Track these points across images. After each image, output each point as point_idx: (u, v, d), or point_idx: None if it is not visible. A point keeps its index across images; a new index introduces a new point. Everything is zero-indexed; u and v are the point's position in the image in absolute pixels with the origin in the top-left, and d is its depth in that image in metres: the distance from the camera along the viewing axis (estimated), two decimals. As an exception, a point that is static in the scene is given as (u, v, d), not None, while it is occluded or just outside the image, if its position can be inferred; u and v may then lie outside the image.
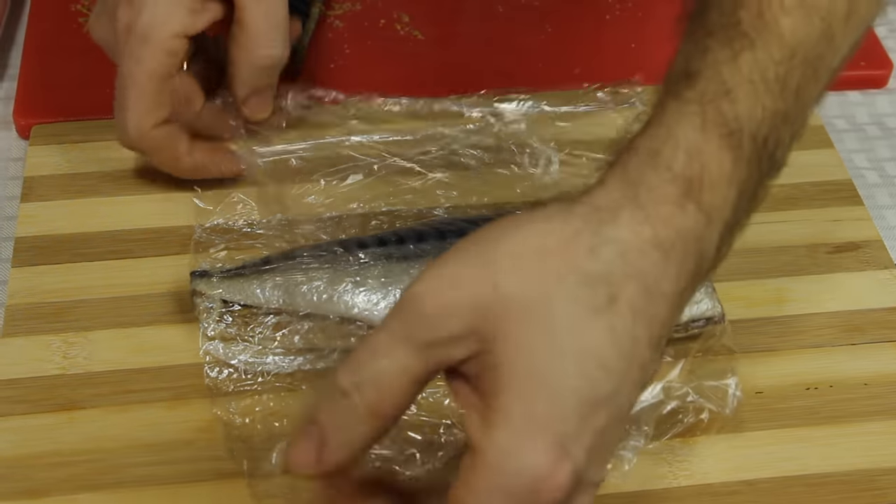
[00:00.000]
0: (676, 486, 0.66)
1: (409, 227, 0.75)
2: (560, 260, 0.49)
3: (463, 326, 0.49)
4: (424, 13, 0.93)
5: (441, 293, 0.50)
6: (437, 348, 0.49)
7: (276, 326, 0.70)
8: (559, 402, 0.48)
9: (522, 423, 0.48)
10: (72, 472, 0.65)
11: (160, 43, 0.72)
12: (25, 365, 0.70)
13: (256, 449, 0.66)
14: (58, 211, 0.78)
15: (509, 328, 0.49)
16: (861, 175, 0.85)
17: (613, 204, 0.50)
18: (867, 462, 0.67)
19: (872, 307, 0.75)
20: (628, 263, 0.49)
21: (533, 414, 0.48)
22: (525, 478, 0.48)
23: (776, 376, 0.71)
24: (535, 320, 0.49)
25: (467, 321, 0.49)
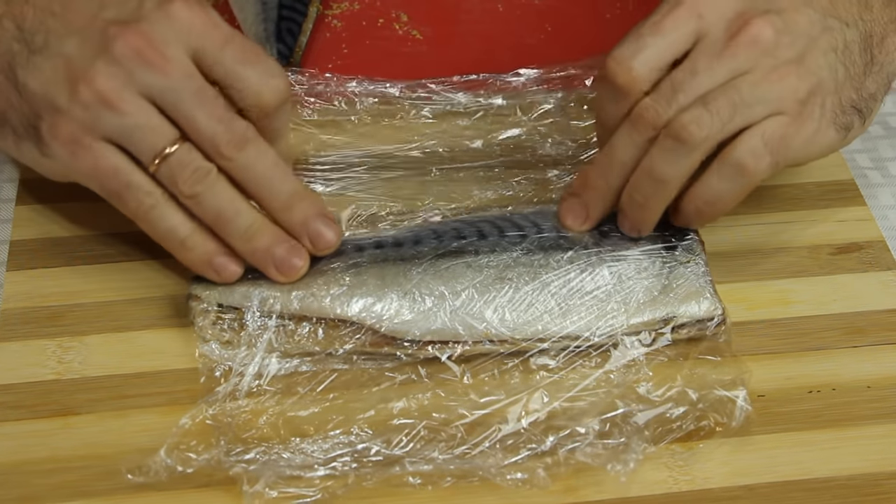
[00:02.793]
0: (677, 492, 0.65)
1: (407, 229, 0.74)
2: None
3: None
4: (423, 12, 0.93)
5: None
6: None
7: (274, 330, 0.69)
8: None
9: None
10: (67, 479, 0.65)
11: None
12: (20, 370, 0.70)
13: (252, 454, 0.65)
14: (53, 214, 0.77)
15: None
16: (864, 175, 0.84)
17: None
18: (870, 466, 0.67)
19: (875, 309, 0.74)
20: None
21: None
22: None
23: (778, 379, 0.70)
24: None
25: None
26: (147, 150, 0.66)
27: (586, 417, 0.66)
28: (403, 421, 0.67)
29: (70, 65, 0.66)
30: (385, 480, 0.64)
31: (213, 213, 0.68)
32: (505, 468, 0.64)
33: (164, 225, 0.69)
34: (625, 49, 0.68)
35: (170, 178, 0.67)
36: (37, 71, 0.67)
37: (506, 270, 0.71)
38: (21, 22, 0.68)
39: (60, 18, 0.67)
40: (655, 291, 0.71)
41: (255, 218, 0.69)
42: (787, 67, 0.68)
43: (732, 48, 0.67)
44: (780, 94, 0.68)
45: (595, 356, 0.70)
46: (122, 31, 0.65)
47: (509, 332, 0.69)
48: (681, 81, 0.68)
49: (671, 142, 0.68)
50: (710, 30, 0.68)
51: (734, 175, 0.69)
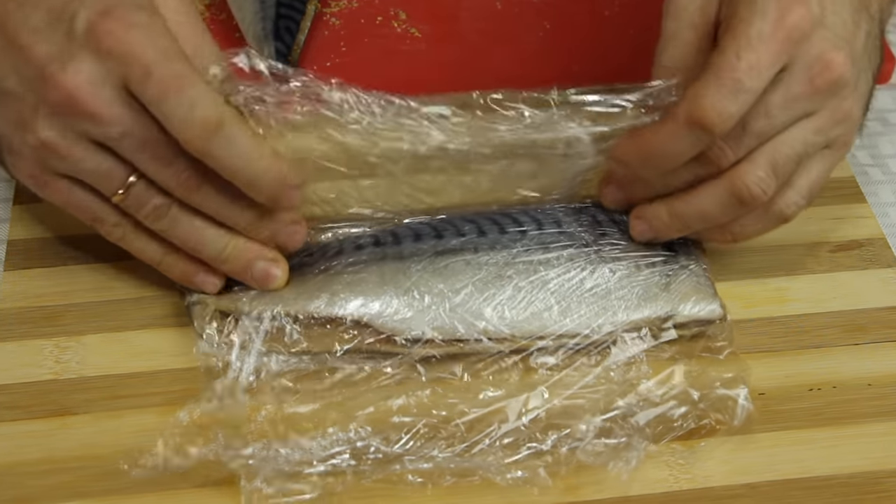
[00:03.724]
0: (678, 490, 0.65)
1: (406, 226, 0.74)
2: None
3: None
4: (422, 10, 0.93)
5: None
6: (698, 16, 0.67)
7: (273, 328, 0.69)
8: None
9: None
10: (63, 480, 0.65)
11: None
12: (17, 370, 0.69)
13: (251, 449, 0.64)
14: (50, 213, 0.77)
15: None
16: (864, 172, 0.84)
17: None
18: (871, 464, 0.67)
19: (875, 306, 0.74)
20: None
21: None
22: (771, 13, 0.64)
23: (778, 377, 0.70)
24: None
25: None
26: (104, 189, 0.65)
27: (587, 416, 0.66)
28: (403, 419, 0.66)
29: (19, 105, 0.64)
30: (384, 478, 0.64)
31: (181, 241, 0.68)
32: (505, 467, 0.64)
33: (137, 250, 0.69)
34: (726, 100, 0.64)
35: (133, 211, 0.66)
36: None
37: (505, 268, 0.70)
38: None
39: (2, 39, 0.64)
40: (656, 289, 0.70)
41: (225, 242, 0.68)
42: (850, 101, 0.67)
43: (811, 92, 0.66)
44: (841, 131, 0.68)
45: (595, 354, 0.69)
46: (53, 79, 0.62)
47: (509, 329, 0.69)
48: (752, 125, 0.66)
49: (729, 196, 0.68)
50: (793, 65, 0.65)
51: (775, 221, 0.70)
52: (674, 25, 0.69)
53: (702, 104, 0.64)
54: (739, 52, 0.64)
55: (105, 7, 0.62)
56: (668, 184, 0.70)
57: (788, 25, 0.64)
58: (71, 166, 0.64)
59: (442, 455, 0.65)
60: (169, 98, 0.61)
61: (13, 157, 0.66)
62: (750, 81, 0.64)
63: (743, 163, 0.67)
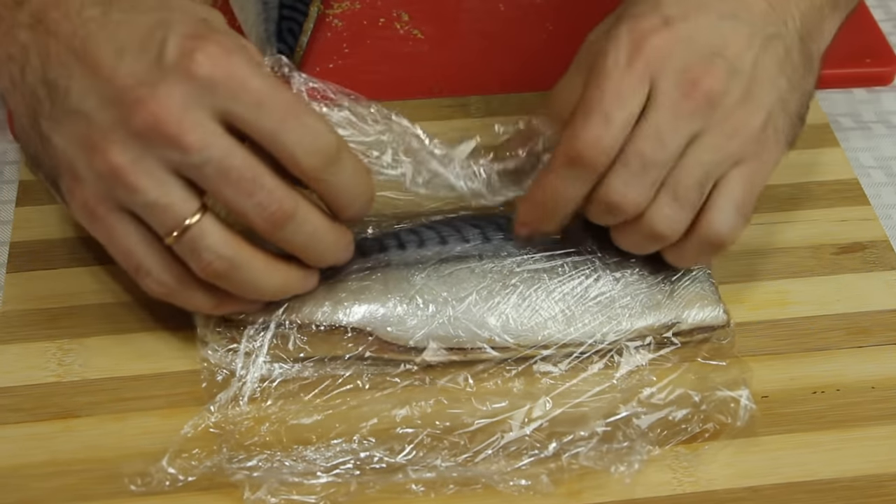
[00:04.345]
0: (681, 493, 0.65)
1: (410, 230, 0.73)
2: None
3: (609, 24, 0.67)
4: (424, 12, 0.93)
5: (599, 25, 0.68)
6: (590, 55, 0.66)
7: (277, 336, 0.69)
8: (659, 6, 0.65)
9: (628, 16, 0.65)
10: (67, 482, 0.65)
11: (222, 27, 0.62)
12: (20, 372, 0.69)
13: (255, 461, 0.65)
14: (53, 215, 0.77)
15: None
16: (867, 174, 0.84)
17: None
18: (875, 467, 0.67)
19: (879, 309, 0.74)
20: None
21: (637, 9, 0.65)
22: (627, 43, 0.64)
23: (782, 380, 0.70)
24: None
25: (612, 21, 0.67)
26: (161, 226, 0.61)
27: (590, 422, 0.66)
28: (406, 430, 0.66)
29: (88, 128, 0.60)
30: (387, 488, 0.64)
31: (232, 288, 0.65)
32: (508, 474, 0.64)
33: (184, 302, 0.66)
34: (595, 130, 0.63)
35: (185, 256, 0.62)
36: (58, 126, 0.62)
37: (509, 276, 0.70)
38: (45, 58, 0.62)
39: (81, 61, 0.61)
40: (660, 296, 0.70)
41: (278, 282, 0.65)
42: (739, 112, 0.65)
43: (689, 109, 0.64)
44: (739, 144, 0.65)
45: (599, 362, 0.69)
46: (141, 101, 0.59)
47: (513, 338, 0.69)
48: (650, 155, 0.64)
49: (643, 238, 0.67)
50: (662, 86, 0.64)
51: (713, 248, 0.68)
52: (573, 63, 0.69)
53: (574, 142, 0.64)
54: (599, 84, 0.64)
55: (196, 31, 0.60)
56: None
57: (644, 50, 0.64)
58: (131, 198, 0.61)
59: (445, 464, 0.65)
60: (290, 129, 0.60)
61: (73, 184, 0.62)
62: (615, 110, 0.63)
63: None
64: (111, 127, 0.60)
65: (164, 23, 0.60)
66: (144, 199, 0.60)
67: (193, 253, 0.62)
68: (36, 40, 0.62)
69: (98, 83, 0.60)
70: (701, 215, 0.67)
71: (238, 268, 0.63)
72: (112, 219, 0.62)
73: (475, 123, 0.84)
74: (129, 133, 0.59)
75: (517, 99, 0.86)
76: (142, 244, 0.63)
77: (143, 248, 0.63)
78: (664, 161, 0.64)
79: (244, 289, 0.64)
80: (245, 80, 0.59)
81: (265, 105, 0.60)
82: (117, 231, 0.63)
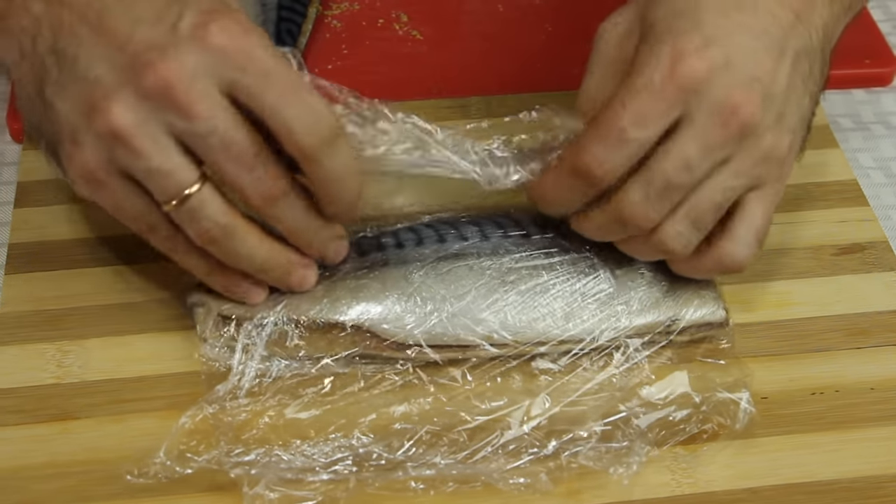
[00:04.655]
0: (680, 495, 0.65)
1: (408, 228, 0.73)
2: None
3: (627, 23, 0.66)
4: (423, 13, 0.93)
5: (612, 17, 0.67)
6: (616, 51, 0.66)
7: (275, 333, 0.69)
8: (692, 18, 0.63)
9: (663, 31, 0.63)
10: (66, 484, 0.65)
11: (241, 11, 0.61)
12: (19, 374, 0.69)
13: (253, 455, 0.65)
14: (52, 216, 0.77)
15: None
16: (866, 175, 0.84)
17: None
18: (874, 468, 0.67)
19: (878, 310, 0.74)
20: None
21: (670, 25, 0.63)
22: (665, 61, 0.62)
23: (781, 381, 0.70)
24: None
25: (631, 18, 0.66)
26: (161, 193, 0.62)
27: (589, 421, 0.66)
28: (405, 426, 0.66)
29: (92, 91, 0.60)
30: (387, 485, 0.64)
31: (224, 256, 0.66)
32: (507, 472, 0.64)
33: (184, 263, 0.67)
34: (607, 148, 0.63)
35: (185, 225, 0.63)
36: (63, 91, 0.61)
37: (508, 273, 0.70)
38: (58, 28, 0.61)
39: (94, 30, 0.61)
40: (659, 294, 0.70)
41: (268, 255, 0.66)
42: (769, 137, 0.64)
43: (722, 137, 0.63)
44: (764, 169, 0.65)
45: (597, 360, 0.69)
46: (152, 65, 0.59)
47: (511, 335, 0.69)
48: (675, 179, 0.63)
49: (652, 249, 0.67)
50: (696, 112, 0.62)
51: (726, 271, 0.69)
52: (595, 58, 0.68)
53: (583, 155, 0.63)
54: (625, 102, 0.62)
55: (213, 6, 0.61)
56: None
57: (680, 75, 0.62)
58: (132, 161, 0.61)
59: (444, 461, 0.65)
60: (292, 104, 0.61)
61: (73, 148, 0.62)
62: (635, 132, 0.62)
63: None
64: (117, 88, 0.60)
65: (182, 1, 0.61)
66: (147, 165, 0.61)
67: (192, 221, 0.63)
68: (49, 12, 0.62)
69: (110, 51, 0.60)
70: (719, 242, 0.67)
71: (232, 237, 0.64)
72: (114, 183, 0.62)
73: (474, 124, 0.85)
74: (137, 94, 0.60)
75: (516, 100, 0.86)
76: (147, 205, 0.63)
77: (149, 208, 0.63)
78: (688, 185, 0.64)
79: (237, 259, 0.66)
80: (254, 53, 0.60)
81: (271, 78, 0.60)
82: (122, 195, 0.63)
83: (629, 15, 0.67)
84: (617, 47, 0.67)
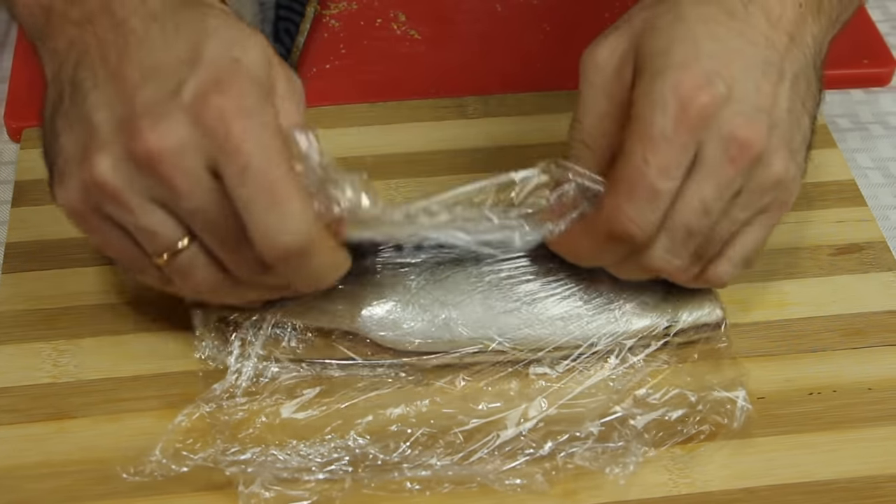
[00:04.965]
0: (677, 494, 0.65)
1: None
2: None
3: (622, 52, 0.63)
4: (421, 12, 0.93)
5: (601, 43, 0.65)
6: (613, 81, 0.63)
7: (272, 335, 0.69)
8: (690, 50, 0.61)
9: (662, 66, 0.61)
10: (61, 483, 0.65)
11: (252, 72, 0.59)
12: (15, 373, 0.69)
13: (249, 454, 0.65)
14: (49, 216, 0.76)
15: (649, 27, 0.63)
16: (864, 175, 0.84)
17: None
18: (871, 468, 0.66)
19: (875, 310, 0.74)
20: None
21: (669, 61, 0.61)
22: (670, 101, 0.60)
23: (778, 381, 0.70)
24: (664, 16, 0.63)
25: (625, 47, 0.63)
26: (150, 248, 0.61)
27: (585, 422, 0.66)
28: (401, 428, 0.66)
29: (90, 138, 0.59)
30: (383, 485, 0.64)
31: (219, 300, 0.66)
32: (503, 473, 0.64)
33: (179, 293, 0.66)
34: (643, 207, 0.61)
35: (176, 278, 0.63)
36: (68, 126, 0.61)
37: (506, 280, 0.70)
38: (81, 59, 0.61)
39: (110, 73, 0.60)
40: (656, 297, 0.70)
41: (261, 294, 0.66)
42: (776, 165, 0.63)
43: (733, 173, 0.62)
44: (771, 197, 0.64)
45: (594, 362, 0.69)
46: (141, 133, 0.57)
47: (509, 342, 0.68)
48: (695, 226, 0.63)
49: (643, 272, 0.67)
50: (707, 151, 0.61)
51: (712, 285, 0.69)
52: (589, 90, 0.65)
53: (620, 219, 0.62)
54: (646, 156, 0.60)
55: (218, 76, 0.58)
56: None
57: (691, 116, 0.60)
58: (122, 215, 0.60)
59: (440, 463, 0.65)
60: (260, 208, 0.58)
61: (64, 183, 0.61)
62: (663, 183, 0.61)
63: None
64: (110, 142, 0.59)
65: (194, 58, 0.59)
66: (134, 221, 0.60)
67: (184, 276, 0.62)
68: (80, 39, 0.61)
69: (115, 100, 0.59)
70: (709, 263, 0.67)
71: (221, 287, 0.63)
72: (103, 226, 0.62)
73: (472, 124, 0.85)
74: (126, 156, 0.58)
75: (514, 99, 0.86)
76: (137, 252, 0.62)
77: (139, 255, 0.62)
78: (707, 228, 0.64)
79: (226, 301, 0.66)
80: (241, 143, 0.57)
81: (249, 175, 0.57)
82: (109, 237, 0.62)
83: (621, 43, 0.64)
84: (613, 79, 0.64)
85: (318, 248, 0.60)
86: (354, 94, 0.87)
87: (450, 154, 0.82)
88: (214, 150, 0.58)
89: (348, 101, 0.86)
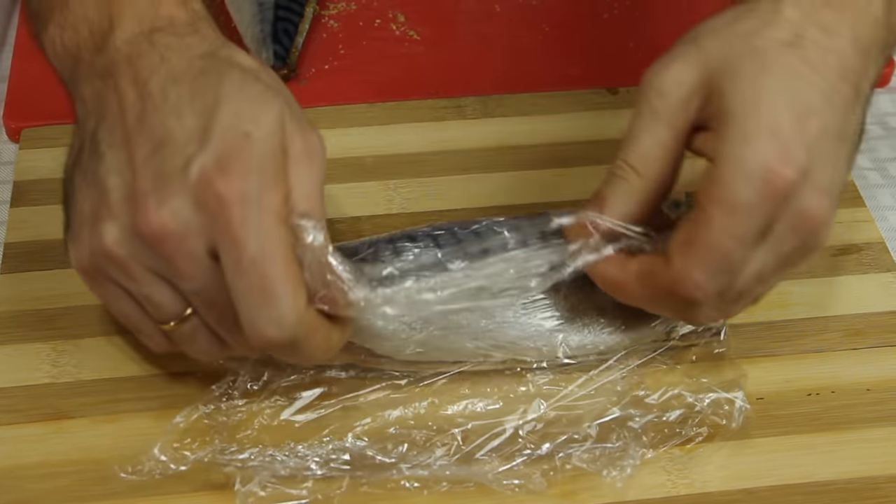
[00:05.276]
0: (676, 495, 0.65)
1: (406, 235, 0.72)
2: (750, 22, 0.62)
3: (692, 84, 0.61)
4: (420, 13, 0.93)
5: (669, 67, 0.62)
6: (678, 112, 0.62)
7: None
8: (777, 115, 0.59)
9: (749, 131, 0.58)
10: (60, 484, 0.65)
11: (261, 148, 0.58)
12: (14, 373, 0.69)
13: (247, 454, 0.65)
14: (48, 216, 0.77)
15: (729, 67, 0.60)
16: (863, 176, 0.84)
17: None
18: (870, 469, 0.67)
19: (875, 311, 0.74)
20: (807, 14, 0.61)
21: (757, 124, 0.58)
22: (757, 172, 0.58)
23: (777, 382, 0.70)
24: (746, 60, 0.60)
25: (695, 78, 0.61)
26: (155, 315, 0.61)
27: (583, 423, 0.66)
28: (400, 430, 0.66)
29: (101, 201, 0.59)
30: (380, 484, 0.64)
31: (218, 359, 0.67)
32: (501, 474, 0.64)
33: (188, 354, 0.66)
34: (715, 278, 0.60)
35: (182, 344, 0.63)
36: (84, 185, 0.61)
37: (506, 287, 0.69)
38: (102, 117, 0.60)
39: (125, 137, 0.59)
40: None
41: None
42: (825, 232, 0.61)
43: (794, 246, 0.60)
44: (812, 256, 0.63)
45: (595, 366, 0.69)
46: (146, 211, 0.57)
47: (508, 352, 0.68)
48: (748, 291, 0.62)
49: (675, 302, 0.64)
50: (778, 227, 0.59)
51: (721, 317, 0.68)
52: (649, 119, 0.63)
53: (687, 284, 0.60)
54: (726, 225, 0.58)
55: (226, 154, 0.57)
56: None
57: (777, 189, 0.58)
58: (128, 284, 0.60)
59: (438, 463, 0.65)
60: (251, 300, 0.57)
61: (73, 244, 0.62)
62: (737, 254, 0.59)
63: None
64: (117, 213, 0.59)
65: (204, 132, 0.58)
66: (139, 290, 0.60)
67: (185, 341, 0.63)
68: (104, 92, 0.61)
69: (126, 168, 0.59)
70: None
71: (228, 349, 0.63)
72: (110, 288, 0.62)
73: (471, 124, 0.85)
74: (133, 230, 0.58)
75: (513, 100, 0.86)
76: (143, 316, 0.63)
77: (145, 320, 0.63)
78: (757, 292, 0.64)
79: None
80: (238, 233, 0.57)
81: (243, 267, 0.57)
82: (116, 300, 0.62)
83: (690, 72, 0.61)
84: (677, 109, 0.62)
85: (308, 337, 0.60)
86: (353, 95, 0.87)
87: (449, 154, 0.82)
88: (215, 236, 0.57)
89: (347, 102, 0.86)
